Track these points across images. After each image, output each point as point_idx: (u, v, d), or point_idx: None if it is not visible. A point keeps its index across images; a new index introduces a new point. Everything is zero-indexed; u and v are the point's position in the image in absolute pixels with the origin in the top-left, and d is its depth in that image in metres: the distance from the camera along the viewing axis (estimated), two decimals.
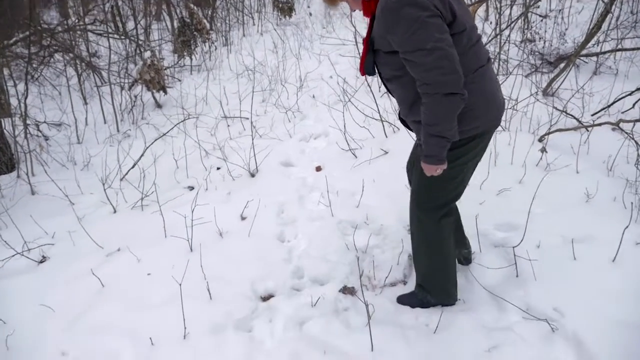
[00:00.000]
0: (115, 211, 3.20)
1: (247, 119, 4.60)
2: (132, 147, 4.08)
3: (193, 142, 4.03)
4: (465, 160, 1.82)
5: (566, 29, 5.49)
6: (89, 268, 2.49)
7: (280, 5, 9.54)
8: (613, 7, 4.11)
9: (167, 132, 4.12)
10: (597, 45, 4.70)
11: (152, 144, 3.85)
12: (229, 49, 7.74)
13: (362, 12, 1.80)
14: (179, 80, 6.28)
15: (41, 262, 2.71)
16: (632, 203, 2.57)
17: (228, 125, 4.47)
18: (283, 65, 5.97)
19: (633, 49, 4.50)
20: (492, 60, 3.73)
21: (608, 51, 4.55)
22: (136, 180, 3.47)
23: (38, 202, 3.46)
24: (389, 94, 2.08)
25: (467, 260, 2.31)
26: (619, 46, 4.71)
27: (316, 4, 10.35)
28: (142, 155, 3.71)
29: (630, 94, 3.59)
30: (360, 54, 1.93)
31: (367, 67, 1.80)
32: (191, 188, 3.42)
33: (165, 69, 6.21)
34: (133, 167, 3.66)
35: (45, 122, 4.75)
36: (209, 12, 9.45)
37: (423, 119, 1.66)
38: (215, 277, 2.33)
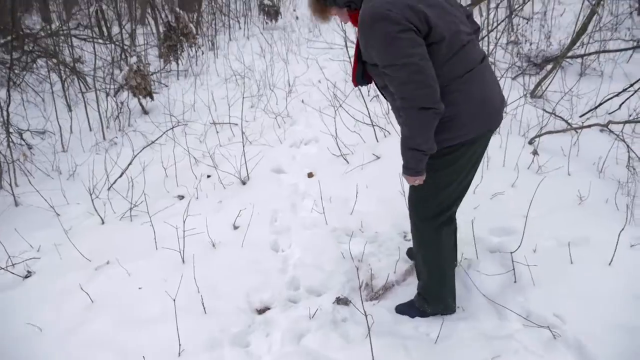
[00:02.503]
0: (103, 222, 3.13)
1: (237, 124, 4.55)
2: (119, 156, 4.00)
3: (182, 149, 3.96)
4: (457, 167, 1.80)
5: (550, 32, 5.54)
6: (77, 283, 2.42)
7: (267, 9, 9.50)
8: (599, 8, 4.15)
9: (156, 139, 4.04)
10: (582, 47, 4.75)
11: (140, 152, 3.77)
12: (215, 54, 7.67)
13: (352, 24, 1.81)
14: (166, 86, 6.20)
15: (27, 277, 2.63)
16: (626, 205, 2.58)
17: (217, 132, 4.41)
18: (271, 70, 5.92)
19: (616, 51, 4.56)
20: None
21: (592, 53, 4.60)
22: (124, 190, 3.40)
23: (22, 214, 3.37)
24: (385, 99, 2.07)
25: None
26: (603, 48, 4.76)
27: (302, 7, 10.32)
28: (129, 163, 3.63)
29: (616, 95, 3.62)
30: (352, 60, 1.92)
31: (357, 78, 1.82)
32: (181, 197, 3.36)
33: (152, 75, 6.12)
34: (121, 175, 3.58)
35: (28, 130, 4.63)
36: (195, 17, 9.38)
37: (401, 132, 1.69)
38: (209, 290, 2.27)
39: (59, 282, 2.51)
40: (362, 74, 1.80)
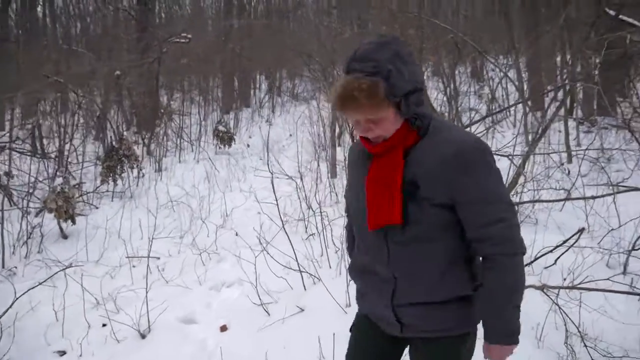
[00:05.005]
0: None
1: (159, 258, 4.15)
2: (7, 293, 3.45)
3: (84, 288, 3.47)
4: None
5: None
6: None
7: (221, 134, 9.64)
8: (525, 168, 4.28)
9: (44, 281, 3.40)
10: (516, 196, 4.83)
11: (22, 295, 3.18)
12: (160, 176, 7.48)
13: (383, 141, 1.36)
14: (96, 208, 5.82)
15: None
16: None
17: (134, 266, 3.99)
18: (210, 198, 5.71)
19: (549, 201, 4.64)
20: None
21: (526, 202, 4.66)
22: None
23: None
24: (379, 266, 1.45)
25: None
26: (536, 197, 4.86)
27: (257, 136, 10.53)
28: (9, 307, 3.08)
29: (551, 252, 3.53)
30: (363, 198, 1.41)
31: (400, 216, 1.34)
32: (62, 353, 2.81)
33: (81, 196, 5.77)
34: None
35: None
36: (148, 135, 9.37)
37: (498, 289, 1.34)
38: None
39: None
40: (411, 215, 1.35)
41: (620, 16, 4.57)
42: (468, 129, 5.86)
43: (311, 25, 12.88)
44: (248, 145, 9.96)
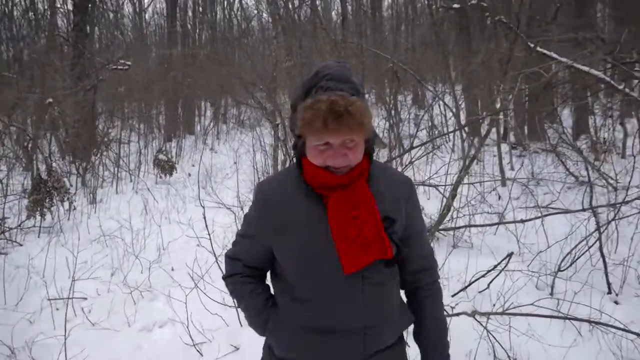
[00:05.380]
0: None
1: (85, 299, 3.89)
2: None
3: None
4: None
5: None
6: None
7: (162, 163, 9.36)
8: (454, 200, 4.43)
9: None
10: (452, 221, 4.96)
11: None
12: (95, 208, 7.10)
13: (349, 170, 1.27)
14: (20, 245, 5.42)
15: None
16: None
17: (57, 309, 3.70)
18: (146, 231, 5.46)
19: (482, 225, 4.81)
20: None
21: (461, 226, 4.79)
22: None
23: None
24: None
25: None
26: (471, 221, 5.01)
27: (200, 165, 10.29)
28: None
29: (483, 276, 3.63)
30: (326, 240, 1.27)
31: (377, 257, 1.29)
32: None
33: (2, 233, 5.37)
34: None
35: None
36: (83, 165, 8.93)
37: (437, 314, 1.42)
38: None
39: None
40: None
41: (539, 49, 4.89)
42: (407, 154, 6.02)
43: (256, 53, 12.97)
44: (189, 174, 9.72)
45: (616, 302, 3.54)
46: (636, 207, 4.35)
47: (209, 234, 3.73)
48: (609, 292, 3.64)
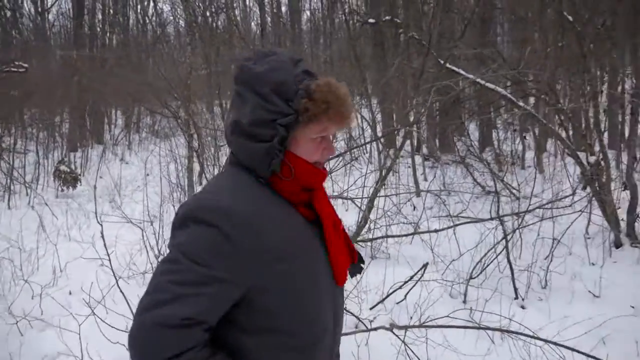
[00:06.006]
0: None
1: None
2: None
3: None
4: None
5: None
6: None
7: (63, 175, 8.57)
8: (371, 213, 4.48)
9: None
10: (370, 232, 4.99)
11: None
12: None
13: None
14: None
15: None
16: None
17: None
18: (39, 251, 4.89)
19: (398, 236, 4.88)
20: None
21: (379, 237, 4.83)
22: None
23: None
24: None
25: None
26: (388, 232, 5.07)
27: (108, 176, 9.58)
28: None
29: (400, 288, 3.64)
30: (323, 256, 1.09)
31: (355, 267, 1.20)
32: None
33: None
34: None
35: None
36: None
37: None
38: None
39: None
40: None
41: (448, 65, 5.11)
42: (327, 164, 5.99)
43: (171, 60, 12.42)
44: (95, 187, 8.97)
45: (522, 307, 3.72)
46: (537, 215, 4.65)
47: (107, 255, 3.38)
48: (516, 298, 3.82)
